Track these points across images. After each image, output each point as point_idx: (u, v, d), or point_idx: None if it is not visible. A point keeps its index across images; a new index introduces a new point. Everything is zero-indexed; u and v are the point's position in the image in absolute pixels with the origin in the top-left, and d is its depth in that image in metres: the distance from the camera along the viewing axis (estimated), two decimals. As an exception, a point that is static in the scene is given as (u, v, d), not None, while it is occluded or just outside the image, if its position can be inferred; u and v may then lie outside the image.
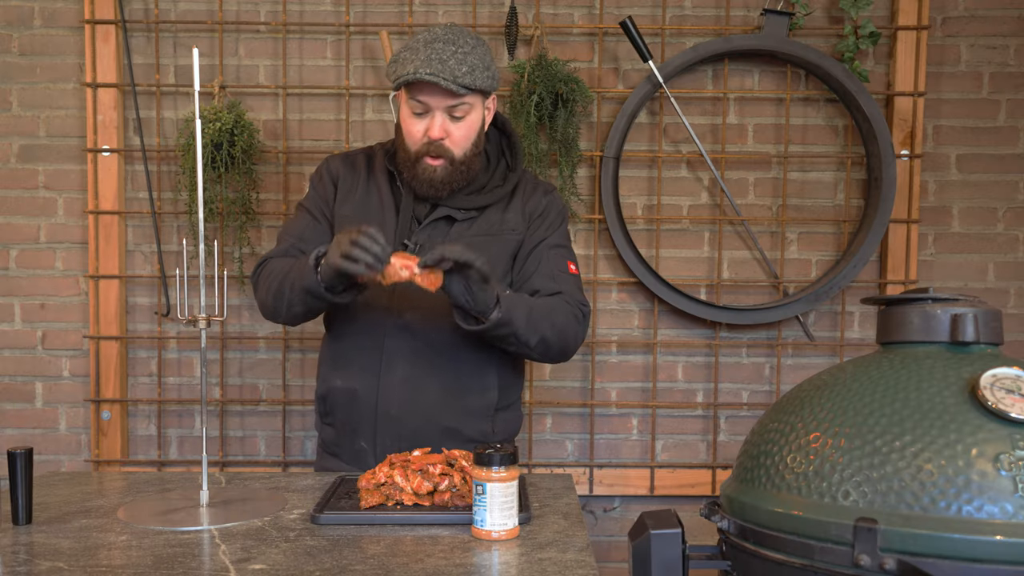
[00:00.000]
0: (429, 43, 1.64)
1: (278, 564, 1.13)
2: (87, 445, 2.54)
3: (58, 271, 2.52)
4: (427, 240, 1.72)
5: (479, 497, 1.25)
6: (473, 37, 1.69)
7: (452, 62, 1.62)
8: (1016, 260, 2.53)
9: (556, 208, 1.83)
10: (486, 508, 1.24)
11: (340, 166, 1.83)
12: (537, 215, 1.79)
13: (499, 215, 1.77)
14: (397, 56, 1.67)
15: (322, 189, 1.82)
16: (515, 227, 1.77)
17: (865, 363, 1.25)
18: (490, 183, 1.79)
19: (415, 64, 1.61)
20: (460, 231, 1.74)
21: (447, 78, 1.60)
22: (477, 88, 1.65)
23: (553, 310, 1.70)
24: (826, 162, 2.52)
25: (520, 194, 1.81)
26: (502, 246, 1.76)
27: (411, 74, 1.60)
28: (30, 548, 1.19)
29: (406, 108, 1.69)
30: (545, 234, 1.79)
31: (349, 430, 1.77)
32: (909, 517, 1.03)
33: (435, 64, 1.61)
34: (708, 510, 1.31)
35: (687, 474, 2.53)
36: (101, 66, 2.43)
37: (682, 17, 2.49)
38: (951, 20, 2.50)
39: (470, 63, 1.64)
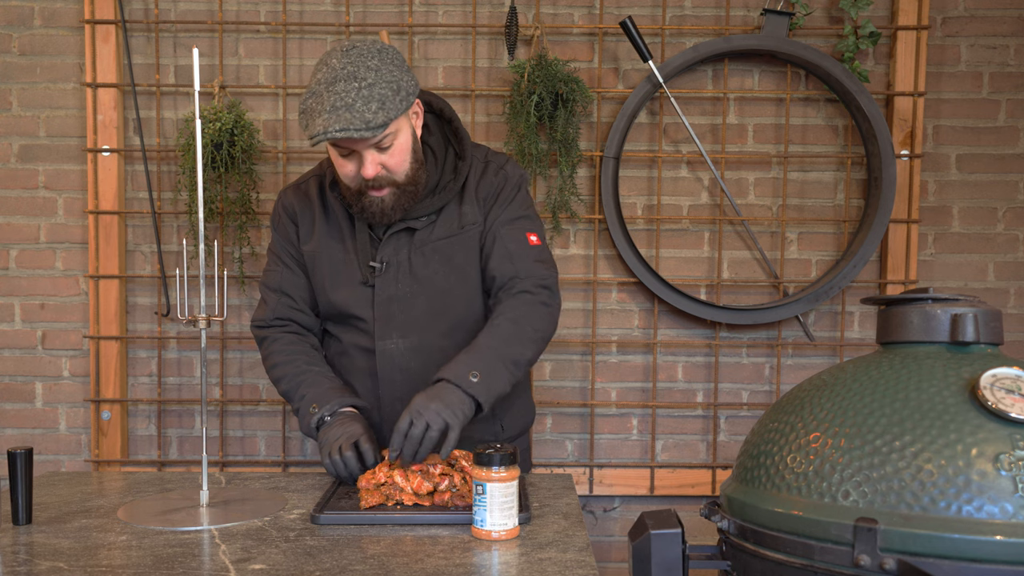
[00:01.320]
0: (330, 85, 1.51)
1: (278, 564, 1.13)
2: (87, 445, 2.54)
3: (58, 271, 2.52)
4: (392, 255, 1.69)
5: (479, 497, 1.25)
6: (375, 55, 1.55)
7: (359, 104, 1.50)
8: (1016, 260, 2.53)
9: (511, 181, 1.74)
10: (486, 508, 1.24)
11: (294, 200, 1.78)
12: (492, 196, 1.72)
13: (456, 209, 1.72)
14: (304, 105, 1.55)
15: (283, 231, 1.79)
16: (473, 219, 1.71)
17: (865, 363, 1.25)
18: (442, 180, 1.73)
19: (323, 120, 1.50)
20: (422, 237, 1.70)
21: (359, 127, 1.50)
22: (392, 119, 1.54)
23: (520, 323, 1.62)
24: (826, 162, 2.52)
25: (472, 182, 1.73)
26: (465, 244, 1.71)
27: (322, 134, 1.50)
28: (30, 548, 1.19)
29: (332, 151, 1.62)
30: (499, 212, 1.72)
31: None
32: (909, 517, 1.04)
33: (342, 114, 1.49)
34: (708, 510, 1.31)
35: (687, 474, 2.53)
36: (101, 66, 2.43)
37: (682, 17, 2.49)
38: (951, 20, 2.50)
39: (378, 96, 1.51)
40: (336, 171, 1.66)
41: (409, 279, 1.70)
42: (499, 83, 2.47)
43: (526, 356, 1.62)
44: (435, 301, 1.70)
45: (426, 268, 1.70)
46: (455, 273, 1.71)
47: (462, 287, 1.72)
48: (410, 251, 1.70)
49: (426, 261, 1.70)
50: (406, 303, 1.70)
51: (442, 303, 1.71)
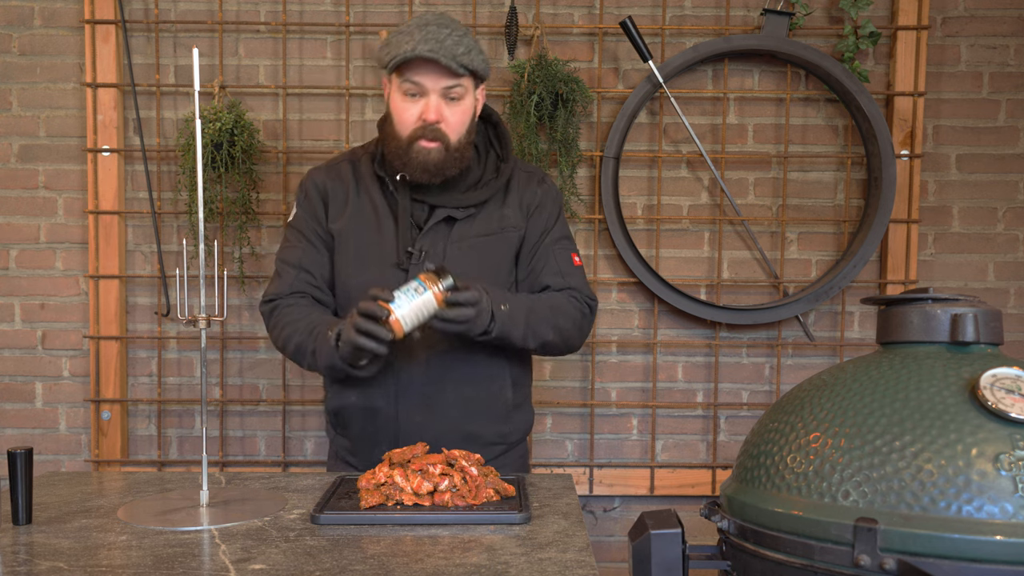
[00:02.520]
0: (422, 26, 1.62)
1: (278, 564, 1.13)
2: (87, 445, 2.54)
3: (58, 271, 2.52)
4: (430, 246, 1.70)
5: (412, 291, 1.49)
6: (463, 26, 1.67)
7: (449, 42, 1.60)
8: (1016, 260, 2.53)
9: (552, 197, 1.81)
10: (399, 288, 1.50)
11: (325, 179, 1.78)
12: (535, 207, 1.77)
13: (497, 211, 1.75)
14: (388, 40, 1.64)
15: (310, 208, 1.77)
16: (515, 223, 1.75)
17: (865, 363, 1.25)
18: (484, 176, 1.76)
19: (412, 43, 1.59)
20: (461, 231, 1.72)
21: (446, 56, 1.58)
22: (474, 69, 1.64)
23: (556, 311, 1.70)
24: (826, 162, 2.52)
25: (515, 186, 1.77)
26: (503, 245, 1.74)
27: (409, 51, 1.58)
28: (30, 548, 1.19)
29: (398, 93, 1.66)
30: (546, 226, 1.77)
31: (368, 441, 1.75)
32: (909, 517, 1.04)
33: (432, 43, 1.59)
34: (708, 510, 1.31)
35: (687, 474, 2.53)
36: (101, 66, 2.43)
37: (682, 17, 2.49)
38: (951, 20, 2.50)
39: (466, 45, 1.63)
40: (391, 125, 1.69)
41: None
42: (499, 83, 2.47)
43: (544, 336, 1.69)
44: None
45: (460, 262, 1.70)
46: (487, 271, 1.72)
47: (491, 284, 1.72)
48: (447, 244, 1.71)
49: (461, 256, 1.71)
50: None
51: None
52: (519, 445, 1.84)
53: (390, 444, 1.72)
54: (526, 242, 1.77)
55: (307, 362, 1.69)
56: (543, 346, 1.71)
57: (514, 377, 1.78)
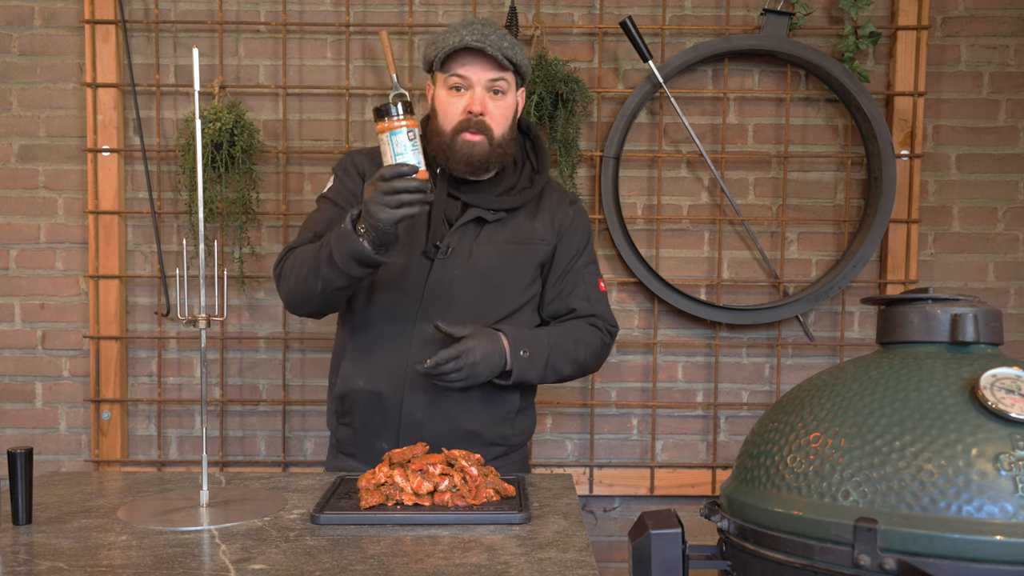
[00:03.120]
0: (467, 24, 1.68)
1: (278, 564, 1.13)
2: (87, 445, 2.54)
3: (58, 271, 2.52)
4: (458, 243, 1.72)
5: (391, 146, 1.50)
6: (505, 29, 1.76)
7: (494, 37, 1.66)
8: (1016, 260, 2.53)
9: (583, 222, 1.86)
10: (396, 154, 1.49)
11: (366, 161, 1.81)
12: (566, 228, 1.82)
13: (527, 222, 1.78)
14: (434, 40, 1.70)
15: (348, 181, 1.79)
16: (543, 237, 1.79)
17: (865, 363, 1.25)
18: (518, 184, 1.80)
19: (459, 37, 1.65)
20: (490, 234, 1.74)
21: (492, 47, 1.64)
22: (518, 63, 1.69)
23: (579, 343, 1.77)
24: (826, 162, 2.52)
25: (548, 202, 1.82)
26: (529, 256, 1.77)
27: (458, 42, 1.63)
28: (30, 548, 1.19)
29: (443, 89, 1.70)
30: (577, 249, 1.82)
31: (369, 432, 1.75)
32: (909, 517, 1.04)
33: (479, 35, 1.65)
34: (708, 510, 1.31)
35: (687, 474, 2.53)
36: (101, 66, 2.43)
37: (682, 17, 2.49)
38: (951, 20, 2.50)
39: (510, 41, 1.69)
40: (435, 119, 1.72)
41: (466, 269, 1.72)
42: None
43: (563, 371, 1.76)
44: (484, 298, 1.73)
45: (485, 264, 1.73)
46: (510, 278, 1.76)
47: (512, 293, 1.76)
48: (475, 245, 1.73)
49: (488, 258, 1.73)
50: (456, 291, 1.71)
51: (491, 301, 1.74)
52: (520, 449, 1.84)
53: (391, 435, 1.73)
54: (556, 262, 1.81)
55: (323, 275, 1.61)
56: (561, 380, 1.79)
57: None
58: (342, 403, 1.78)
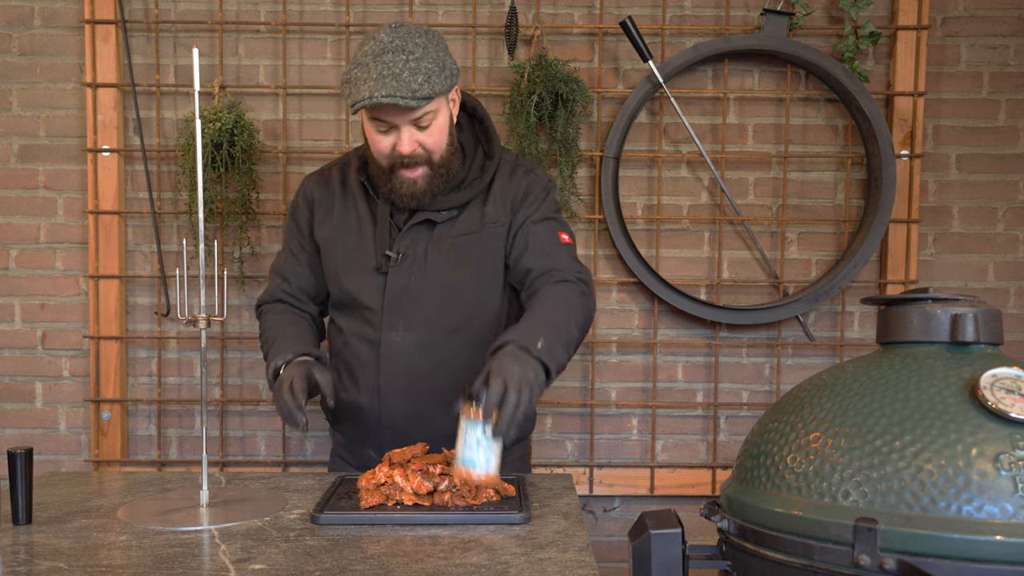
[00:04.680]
0: (377, 56, 1.54)
1: (278, 564, 1.13)
2: (87, 445, 2.54)
3: (58, 271, 2.52)
4: (409, 247, 1.69)
5: (463, 434, 1.31)
6: (422, 34, 1.58)
7: (406, 74, 1.52)
8: (1016, 260, 2.53)
9: (539, 185, 1.74)
10: (466, 444, 1.28)
11: (314, 188, 1.80)
12: (520, 198, 1.72)
13: (479, 208, 1.71)
14: (348, 75, 1.57)
15: (296, 219, 1.81)
16: (496, 219, 1.71)
17: (865, 363, 1.25)
18: (468, 176, 1.73)
19: (368, 86, 1.52)
20: (442, 232, 1.70)
21: (404, 95, 1.51)
22: (437, 94, 1.56)
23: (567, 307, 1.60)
24: (826, 162, 2.52)
25: (498, 182, 1.73)
26: (486, 242, 1.71)
27: (367, 99, 1.51)
28: (30, 548, 1.19)
29: (369, 125, 1.62)
30: (529, 212, 1.71)
31: (358, 441, 1.78)
32: (909, 517, 1.04)
33: (389, 82, 1.51)
34: (708, 510, 1.31)
35: (687, 474, 2.53)
36: (101, 66, 2.43)
37: (682, 17, 2.49)
38: (951, 20, 2.50)
39: (424, 69, 1.54)
40: (370, 148, 1.66)
41: (423, 272, 1.69)
42: (499, 83, 2.47)
43: (575, 336, 1.58)
44: (447, 297, 1.70)
45: (442, 263, 1.69)
46: (470, 271, 1.71)
47: (475, 285, 1.71)
48: (428, 244, 1.69)
49: (443, 256, 1.69)
50: (417, 296, 1.69)
51: (454, 300, 1.70)
52: (516, 446, 1.83)
53: (377, 444, 1.74)
54: (511, 228, 1.72)
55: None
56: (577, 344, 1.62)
57: None
58: (331, 413, 1.82)
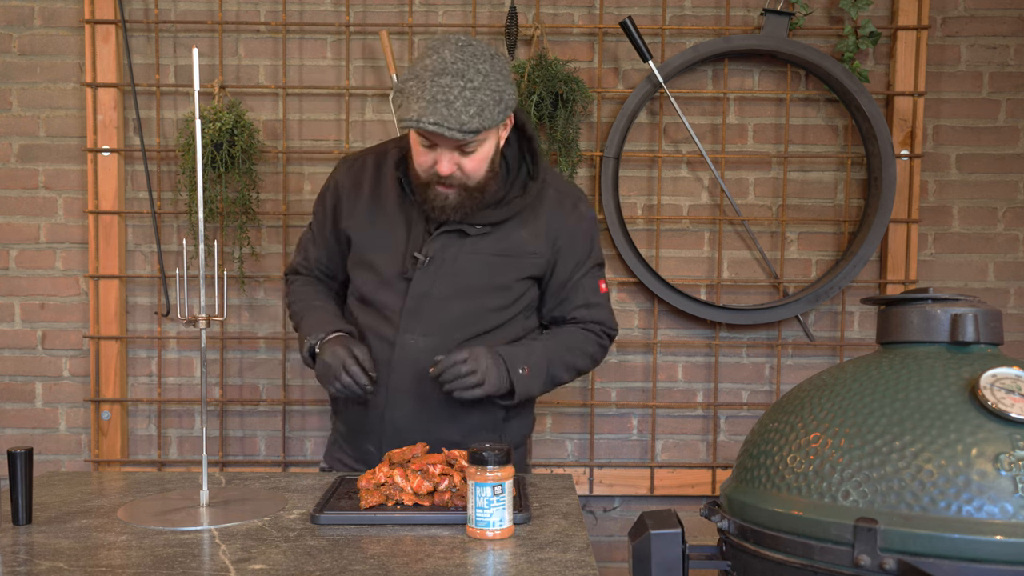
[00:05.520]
0: (436, 76, 1.49)
1: (278, 564, 1.13)
2: (87, 445, 2.54)
3: (58, 271, 2.52)
4: (438, 252, 1.67)
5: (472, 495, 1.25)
6: (487, 60, 1.54)
7: (459, 103, 1.48)
8: (1016, 260, 2.53)
9: (585, 227, 1.75)
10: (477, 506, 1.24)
11: (345, 176, 1.79)
12: (564, 239, 1.72)
13: (517, 232, 1.69)
14: (403, 87, 1.53)
15: (325, 204, 1.81)
16: (535, 250, 1.70)
17: (865, 363, 1.25)
18: (509, 195, 1.70)
19: (419, 108, 1.48)
20: (474, 244, 1.68)
21: (452, 127, 1.48)
22: (487, 128, 1.53)
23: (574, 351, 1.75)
24: (826, 162, 2.52)
25: (544, 210, 1.71)
26: (516, 268, 1.70)
27: (414, 121, 1.48)
28: (30, 548, 1.19)
29: (414, 136, 1.60)
30: (580, 258, 1.75)
31: (358, 433, 1.78)
32: (909, 517, 1.04)
33: (440, 109, 1.47)
34: (708, 510, 1.31)
35: (687, 474, 2.53)
36: (101, 66, 2.43)
37: (682, 17, 2.49)
38: (951, 20, 2.50)
39: (479, 102, 1.50)
40: (412, 157, 1.65)
41: (449, 280, 1.67)
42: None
43: (562, 379, 1.76)
44: (468, 309, 1.68)
45: (469, 275, 1.68)
46: (497, 289, 1.70)
47: (499, 303, 1.71)
48: (458, 253, 1.68)
49: (471, 269, 1.68)
50: (438, 303, 1.68)
51: (475, 313, 1.69)
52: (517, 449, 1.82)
53: (376, 441, 1.74)
54: (556, 275, 1.74)
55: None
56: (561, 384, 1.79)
57: None
58: (335, 403, 1.83)
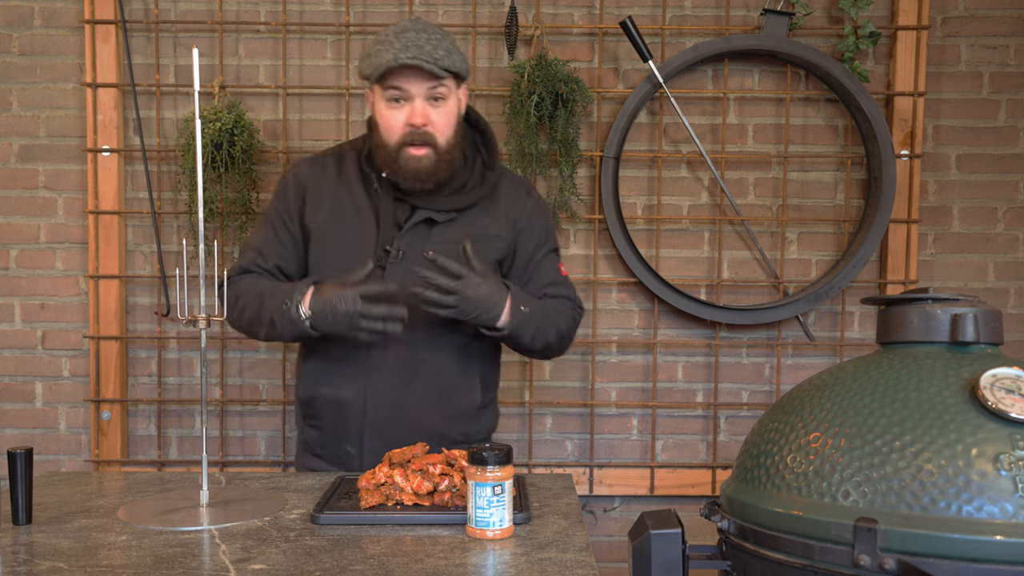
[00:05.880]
0: (400, 34, 1.65)
1: (278, 564, 1.13)
2: (87, 445, 2.54)
3: (58, 271, 2.52)
4: (408, 245, 1.71)
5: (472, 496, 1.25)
6: (439, 28, 1.71)
7: (428, 47, 1.63)
8: (1016, 260, 2.53)
9: (541, 211, 1.85)
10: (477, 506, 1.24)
11: (308, 173, 1.81)
12: (524, 222, 1.80)
13: (480, 219, 1.76)
14: (369, 51, 1.68)
15: (285, 201, 1.80)
16: (499, 233, 1.77)
17: (865, 363, 1.25)
18: (469, 182, 1.78)
19: (393, 52, 1.62)
20: (441, 233, 1.73)
21: (427, 60, 1.62)
22: (455, 70, 1.66)
23: (560, 315, 1.78)
24: (826, 162, 2.52)
25: (502, 197, 1.80)
26: (485, 252, 1.75)
27: (392, 61, 1.61)
28: (30, 548, 1.19)
29: (382, 101, 1.69)
30: (538, 241, 1.82)
31: (335, 435, 1.77)
32: (909, 517, 1.04)
33: (413, 49, 1.62)
34: (708, 510, 1.31)
35: (687, 474, 2.53)
36: (101, 66, 2.43)
37: (682, 17, 2.49)
38: (951, 20, 2.50)
39: (446, 47, 1.66)
40: (379, 130, 1.71)
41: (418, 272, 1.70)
42: (499, 83, 2.47)
43: (549, 338, 1.76)
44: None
45: None
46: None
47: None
48: (426, 245, 1.71)
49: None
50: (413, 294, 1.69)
51: None
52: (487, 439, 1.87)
53: (356, 439, 1.74)
54: (519, 257, 1.81)
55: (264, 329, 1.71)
56: (545, 348, 1.78)
57: (483, 378, 1.81)
58: (308, 407, 1.80)
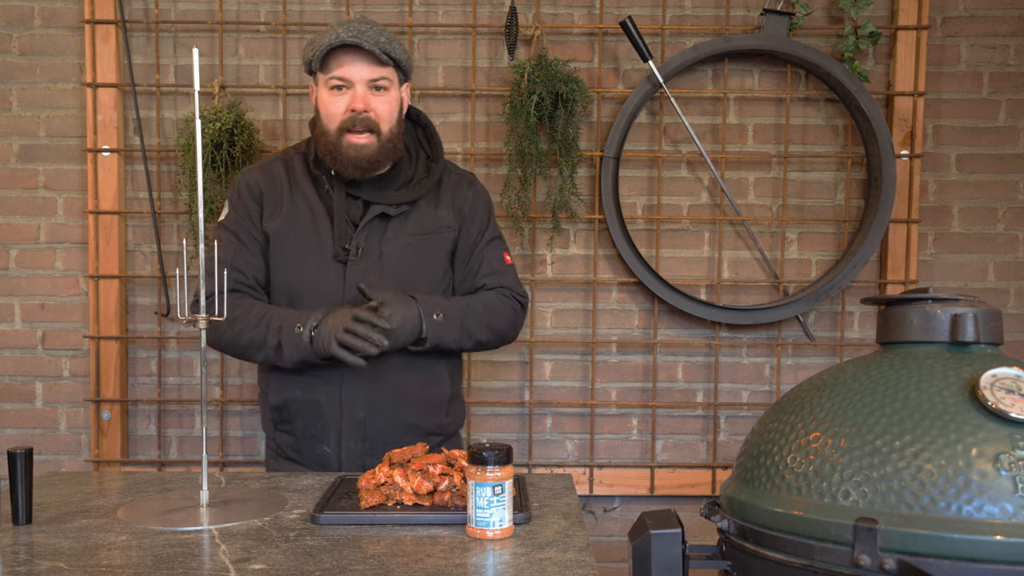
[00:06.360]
0: (343, 23, 1.69)
1: (278, 564, 1.13)
2: (87, 445, 2.54)
3: (58, 271, 2.52)
4: (366, 242, 1.74)
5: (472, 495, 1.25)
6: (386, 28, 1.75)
7: (371, 33, 1.67)
8: (1016, 260, 2.53)
9: (483, 200, 1.87)
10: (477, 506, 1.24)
11: (259, 178, 1.80)
12: (468, 210, 1.83)
13: (431, 211, 1.80)
14: (312, 40, 1.71)
15: (243, 208, 1.79)
16: (449, 224, 1.81)
17: (865, 363, 1.25)
18: (415, 176, 1.81)
19: (335, 34, 1.66)
20: (396, 228, 1.76)
21: (370, 43, 1.65)
22: (396, 57, 1.70)
23: (491, 310, 1.79)
24: (826, 162, 2.52)
25: (447, 188, 1.83)
26: (438, 244, 1.79)
27: (335, 40, 1.64)
28: (30, 548, 1.19)
29: (324, 89, 1.71)
30: (479, 228, 1.84)
31: (310, 437, 1.78)
32: (909, 517, 1.04)
33: (355, 32, 1.66)
34: (708, 510, 1.31)
35: (687, 474, 2.53)
36: (101, 66, 2.43)
37: (682, 17, 2.49)
38: (951, 20, 2.50)
39: (387, 37, 1.70)
40: (320, 122, 1.72)
41: (378, 268, 1.74)
42: (499, 83, 2.47)
43: (478, 336, 1.77)
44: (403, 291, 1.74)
45: (397, 259, 1.75)
46: (423, 268, 1.78)
47: (427, 283, 1.78)
48: (382, 241, 1.75)
49: (398, 253, 1.75)
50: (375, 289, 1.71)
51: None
52: (453, 437, 1.89)
53: (333, 438, 1.75)
54: (461, 245, 1.83)
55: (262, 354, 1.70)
56: (478, 345, 1.80)
57: (450, 370, 1.85)
58: (280, 412, 1.80)
